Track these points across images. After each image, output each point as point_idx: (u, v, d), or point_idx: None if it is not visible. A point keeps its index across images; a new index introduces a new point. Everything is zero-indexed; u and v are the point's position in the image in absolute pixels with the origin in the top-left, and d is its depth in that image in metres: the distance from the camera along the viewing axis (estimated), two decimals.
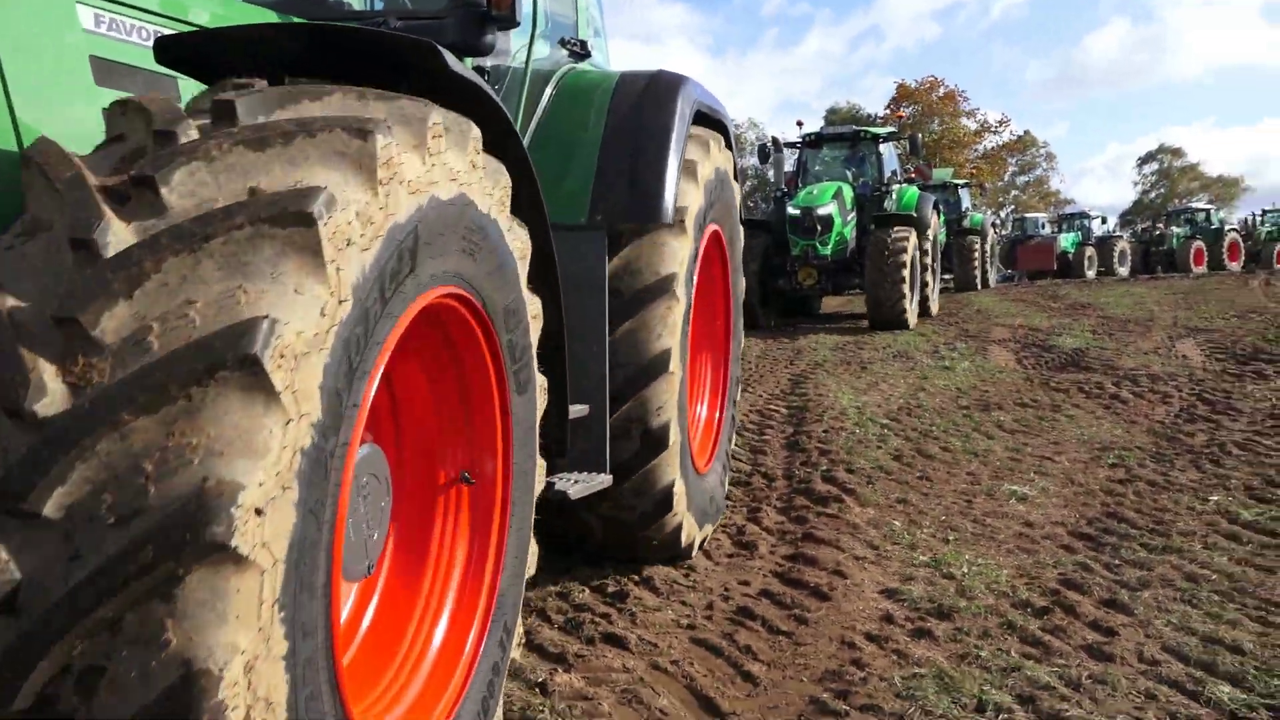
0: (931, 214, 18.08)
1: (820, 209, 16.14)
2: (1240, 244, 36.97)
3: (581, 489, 3.65)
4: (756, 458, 6.89)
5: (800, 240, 16.24)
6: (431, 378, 2.64)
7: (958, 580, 4.33)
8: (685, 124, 4.33)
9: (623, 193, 4.03)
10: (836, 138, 19.65)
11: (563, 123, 4.25)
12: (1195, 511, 5.32)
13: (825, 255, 16.23)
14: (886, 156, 18.73)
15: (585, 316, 3.81)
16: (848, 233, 16.88)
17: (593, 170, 4.08)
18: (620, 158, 4.09)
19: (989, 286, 26.29)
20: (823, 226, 16.09)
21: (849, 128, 19.33)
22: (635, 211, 4.04)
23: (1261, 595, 4.08)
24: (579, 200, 4.01)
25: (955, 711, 3.12)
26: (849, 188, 17.42)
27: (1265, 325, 13.67)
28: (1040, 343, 13.02)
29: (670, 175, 4.09)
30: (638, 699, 3.23)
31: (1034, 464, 6.51)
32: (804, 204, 16.37)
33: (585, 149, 4.14)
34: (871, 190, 17.76)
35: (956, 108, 60.10)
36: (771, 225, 17.11)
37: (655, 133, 4.17)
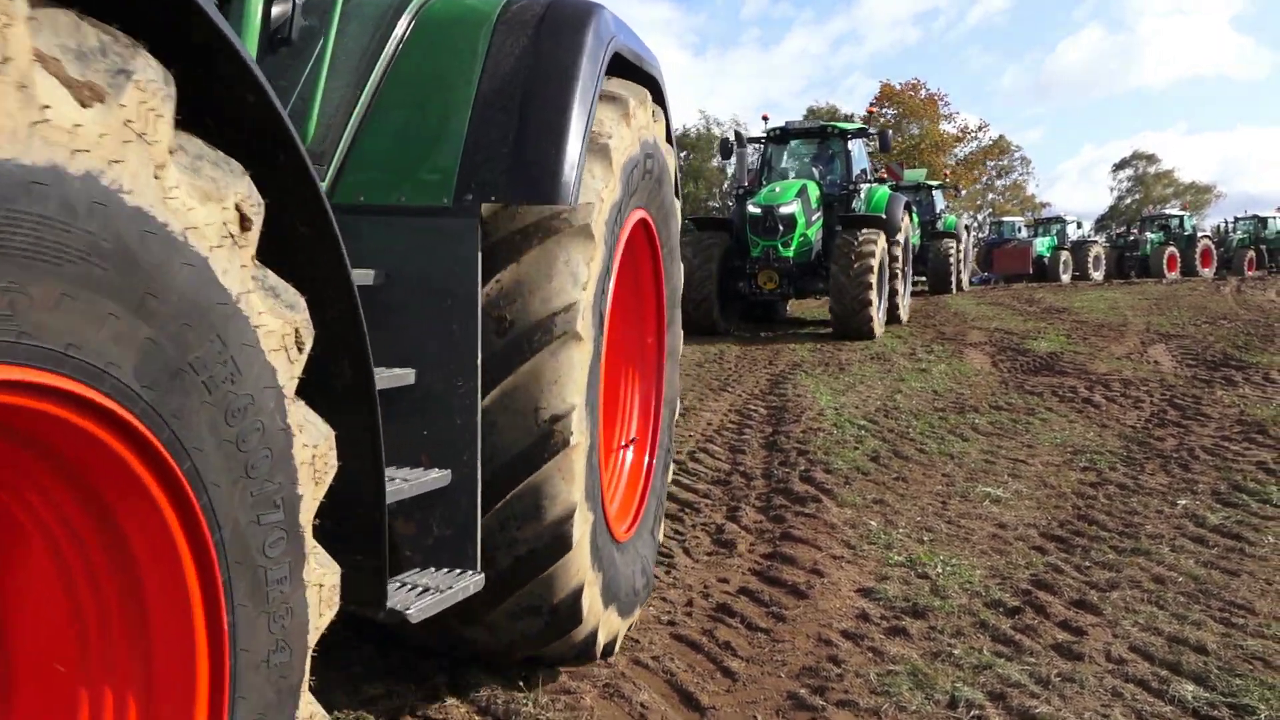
0: (902, 216, 17.05)
1: (783, 208, 15.11)
2: (1213, 250, 37.45)
3: (432, 603, 2.53)
4: (736, 457, 6.96)
5: (761, 241, 15.21)
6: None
7: (932, 580, 4.42)
8: (595, 72, 3.13)
9: (501, 165, 2.86)
10: (803, 133, 18.29)
11: (422, 69, 3.07)
12: (1164, 515, 5.44)
13: (787, 258, 15.19)
14: (855, 154, 17.63)
15: (446, 341, 2.76)
16: (812, 234, 15.83)
17: (463, 135, 2.91)
18: (501, 118, 2.93)
19: (963, 290, 26.33)
20: (785, 227, 15.10)
21: (816, 122, 18.17)
22: (518, 187, 2.86)
23: (1226, 597, 4.19)
24: (443, 176, 2.87)
25: (928, 708, 3.21)
26: (815, 186, 16.36)
27: (1235, 332, 13.90)
28: (1015, 346, 13.18)
29: (571, 144, 2.93)
30: (619, 693, 3.29)
31: (1008, 466, 6.63)
32: (765, 202, 15.30)
33: (453, 105, 2.98)
34: (839, 189, 16.81)
35: (937, 111, 60.51)
36: (732, 225, 16.21)
37: (551, 83, 3.01)
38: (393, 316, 2.73)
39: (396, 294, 2.74)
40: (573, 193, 2.88)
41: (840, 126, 17.71)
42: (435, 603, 2.53)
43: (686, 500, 5.82)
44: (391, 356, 2.69)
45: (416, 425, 2.76)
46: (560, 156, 2.89)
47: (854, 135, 17.68)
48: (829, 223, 16.07)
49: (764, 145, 18.35)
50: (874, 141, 17.90)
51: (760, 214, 15.17)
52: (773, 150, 18.26)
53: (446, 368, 2.76)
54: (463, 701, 3.23)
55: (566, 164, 2.90)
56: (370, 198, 2.86)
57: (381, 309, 2.65)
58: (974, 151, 62.53)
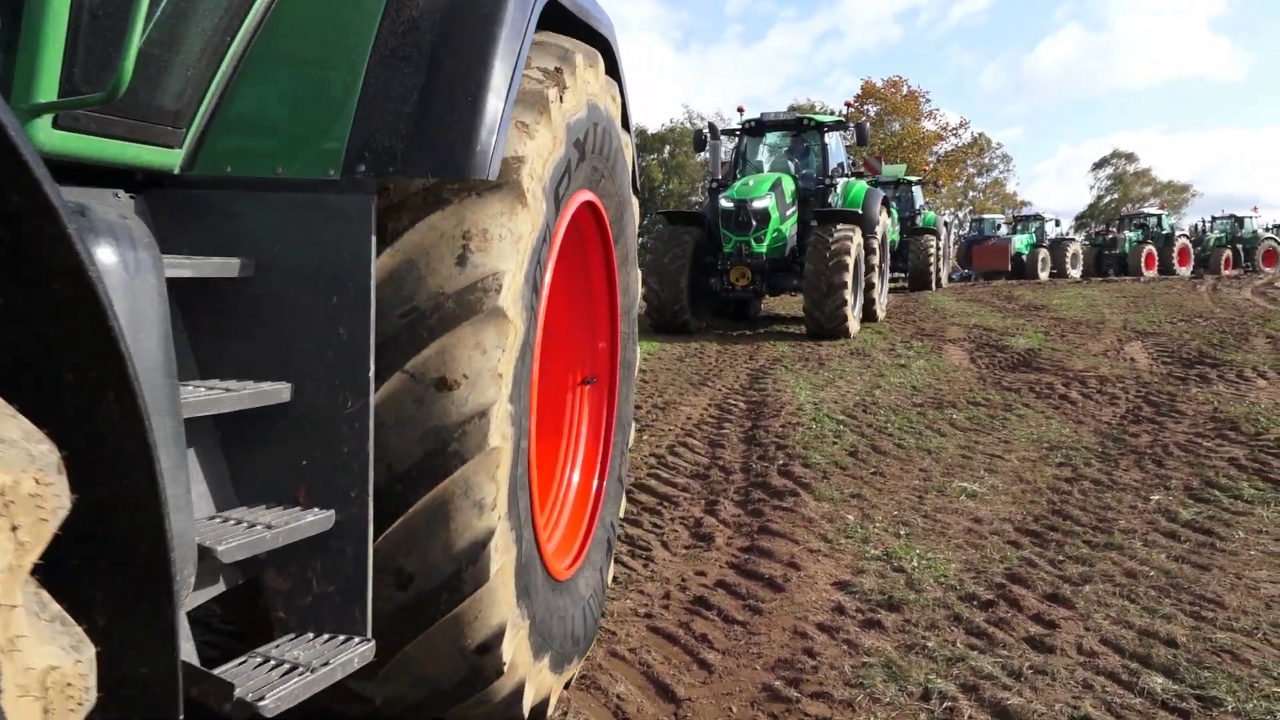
0: (880, 211, 16.52)
1: (756, 202, 14.51)
2: (1190, 249, 37.78)
3: (299, 687, 1.94)
4: (715, 451, 6.99)
5: (733, 236, 14.65)
6: None
7: (908, 573, 4.45)
8: (525, 18, 2.55)
9: (404, 129, 2.29)
10: (779, 125, 17.33)
11: (308, 12, 2.45)
12: (1137, 510, 5.50)
13: (760, 253, 14.61)
14: (833, 147, 16.90)
15: (331, 347, 2.20)
16: (786, 229, 15.23)
17: (356, 92, 2.33)
18: (405, 72, 2.35)
19: (942, 287, 26.32)
20: (758, 221, 14.52)
21: (792, 114, 16.99)
22: (423, 157, 2.29)
23: (1196, 591, 4.25)
24: (331, 142, 2.29)
25: (902, 699, 3.24)
26: (790, 180, 15.70)
27: (1210, 330, 14.04)
28: (994, 343, 13.27)
29: (491, 103, 2.35)
30: (595, 685, 3.31)
31: (984, 462, 6.68)
32: (739, 196, 14.68)
33: (345, 56, 2.38)
34: (815, 184, 16.16)
35: (919, 109, 60.79)
36: (704, 219, 15.53)
37: (467, 29, 2.42)
38: (263, 316, 2.21)
39: (269, 288, 2.21)
40: (491, 163, 2.31)
41: (816, 119, 17.03)
42: (303, 686, 1.94)
43: (665, 494, 5.84)
44: (260, 367, 2.19)
45: (292, 453, 2.19)
46: (477, 118, 2.31)
47: (831, 128, 17.07)
48: (804, 218, 15.55)
49: (739, 138, 17.61)
50: (851, 135, 17.32)
51: (733, 208, 14.64)
52: (748, 143, 17.51)
53: (331, 381, 2.18)
54: None
55: (484, 127, 2.31)
56: (240, 169, 2.32)
57: (249, 306, 2.21)
58: (954, 149, 62.90)
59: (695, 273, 14.87)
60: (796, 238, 15.43)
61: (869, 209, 15.81)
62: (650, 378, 10.35)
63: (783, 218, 15.03)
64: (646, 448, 7.02)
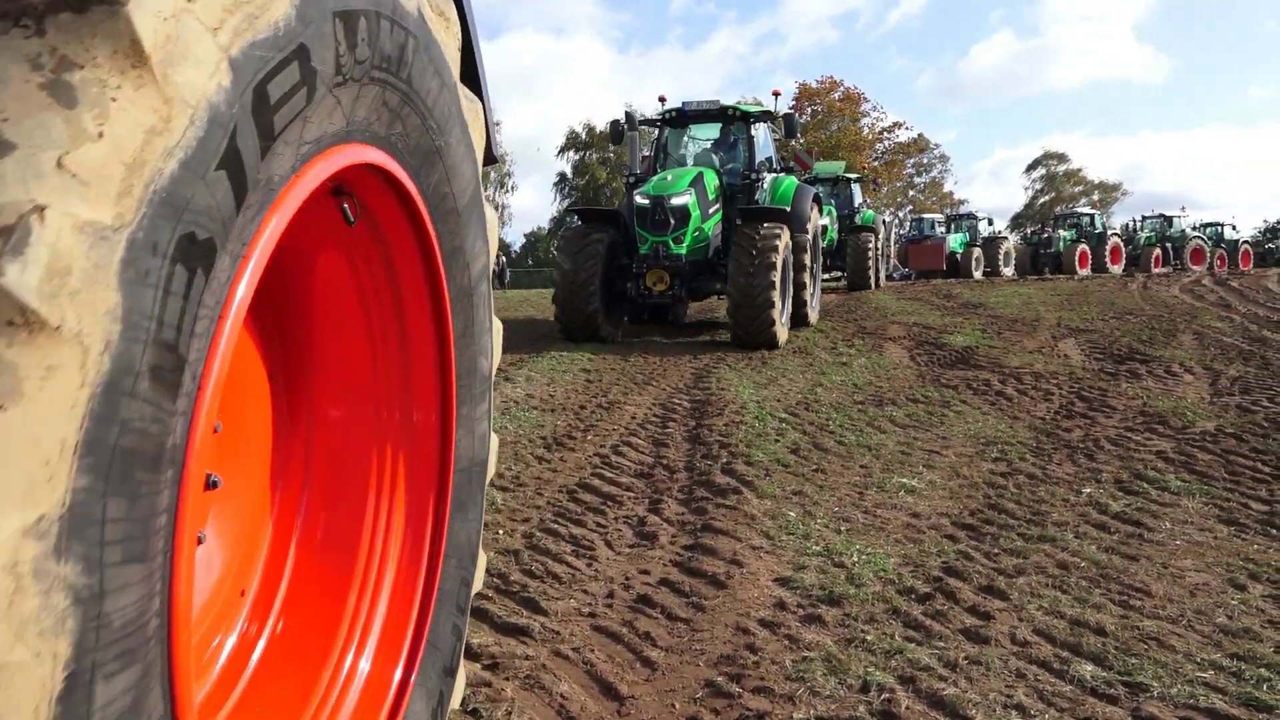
0: (811, 208, 15.31)
1: (675, 198, 13.20)
2: (1121, 248, 38.78)
3: None
4: (659, 450, 7.02)
5: (650, 236, 13.33)
6: None
7: (848, 568, 4.52)
8: None
9: None
10: (702, 115, 15.79)
11: None
12: (1069, 503, 5.64)
13: (680, 255, 13.30)
14: (760, 140, 15.67)
15: None
16: (709, 228, 13.97)
17: None
18: None
19: (881, 286, 26.34)
20: (677, 220, 13.24)
21: (715, 103, 15.40)
22: None
23: (1125, 581, 4.38)
24: None
25: (841, 692, 3.30)
26: (713, 174, 14.43)
27: (1140, 327, 14.42)
28: (933, 341, 13.49)
29: None
30: (539, 685, 3.32)
31: (923, 458, 6.80)
32: (655, 192, 13.33)
33: None
34: (741, 179, 14.99)
35: (857, 110, 61.57)
36: (621, 217, 14.12)
37: None
38: None
39: None
40: None
41: (742, 109, 15.51)
42: None
43: (609, 494, 5.86)
44: None
45: None
46: None
47: (757, 118, 15.69)
48: (730, 216, 14.32)
49: (659, 129, 16.18)
50: (779, 128, 16.14)
51: (649, 206, 13.29)
52: (669, 135, 16.08)
53: None
54: None
55: None
56: None
57: None
58: (891, 148, 63.82)
59: (611, 277, 13.51)
60: (721, 238, 14.34)
61: (799, 206, 14.86)
62: (595, 377, 10.35)
63: (704, 216, 13.83)
64: (590, 447, 7.03)
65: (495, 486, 5.90)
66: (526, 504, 5.61)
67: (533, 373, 10.31)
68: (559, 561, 4.63)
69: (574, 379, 10.16)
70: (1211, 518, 5.37)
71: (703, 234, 13.79)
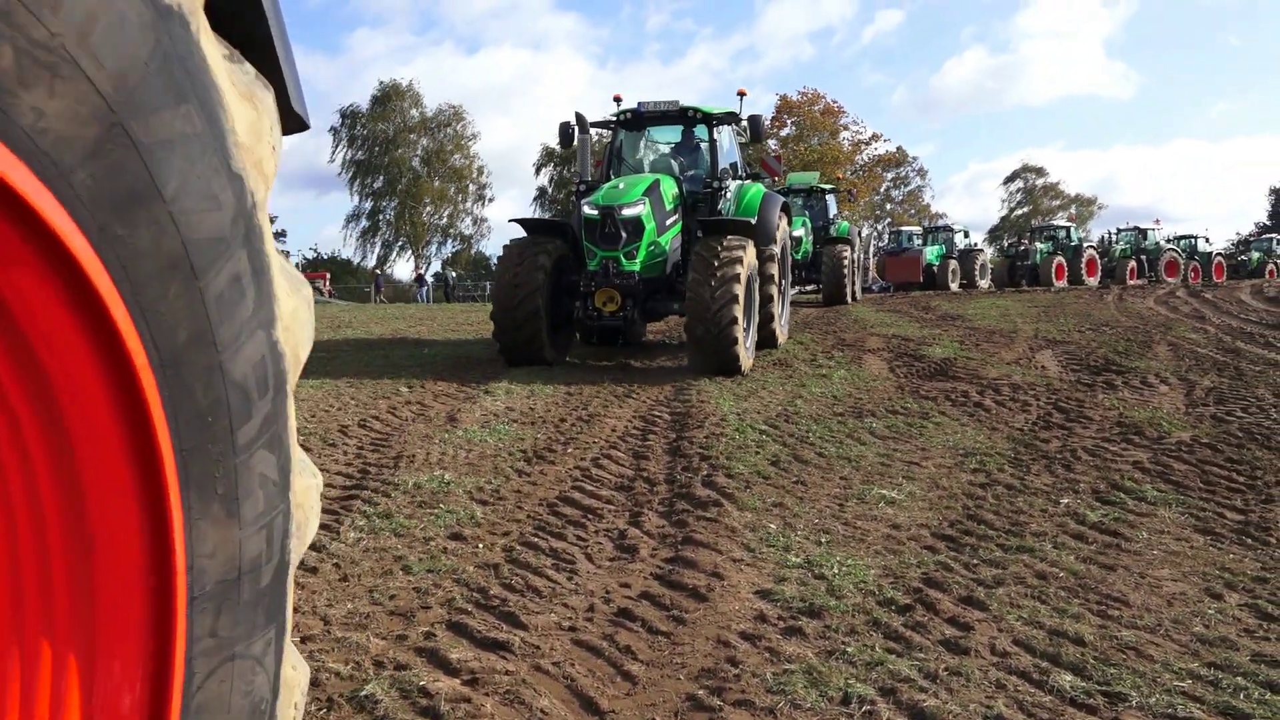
0: (780, 219, 14.03)
1: (626, 209, 11.78)
2: (1097, 260, 39.17)
3: None
4: (640, 463, 7.01)
5: (599, 251, 11.89)
6: None
7: (828, 580, 4.52)
8: None
9: None
10: (659, 117, 14.11)
11: None
12: (1047, 513, 5.67)
13: (632, 272, 11.82)
14: (725, 145, 14.14)
15: None
16: (666, 241, 12.50)
17: None
18: None
19: (857, 299, 25.95)
20: (629, 233, 11.82)
21: (674, 104, 13.82)
22: None
23: (1103, 591, 4.40)
24: None
25: (822, 704, 3.29)
26: (671, 182, 12.91)
27: (1116, 338, 14.55)
28: (912, 352, 13.55)
29: None
30: (519, 700, 3.30)
31: (903, 469, 6.82)
32: (604, 202, 11.89)
33: None
34: (703, 186, 13.51)
35: (836, 123, 61.98)
36: (570, 229, 12.76)
37: None
38: None
39: None
40: None
41: (704, 110, 13.87)
42: None
43: (589, 506, 5.84)
44: None
45: None
46: None
47: (720, 120, 14.02)
48: (690, 228, 13.06)
49: (614, 132, 14.42)
50: (745, 132, 14.47)
51: (597, 217, 11.84)
52: (624, 138, 14.41)
53: None
54: (357, 711, 3.20)
55: None
56: None
57: None
58: (870, 160, 64.30)
59: (557, 294, 12.18)
60: (680, 252, 12.95)
61: (766, 216, 13.52)
62: (575, 391, 10.34)
63: (661, 228, 12.35)
64: (571, 460, 7.01)
65: (475, 500, 5.88)
66: (506, 518, 5.58)
67: (512, 385, 10.29)
68: (539, 575, 4.61)
69: (554, 392, 10.14)
70: (1188, 527, 5.41)
71: (659, 248, 12.38)
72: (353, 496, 5.89)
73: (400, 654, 3.67)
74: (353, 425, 7.92)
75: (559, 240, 12.41)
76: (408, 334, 16.93)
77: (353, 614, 4.07)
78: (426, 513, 5.56)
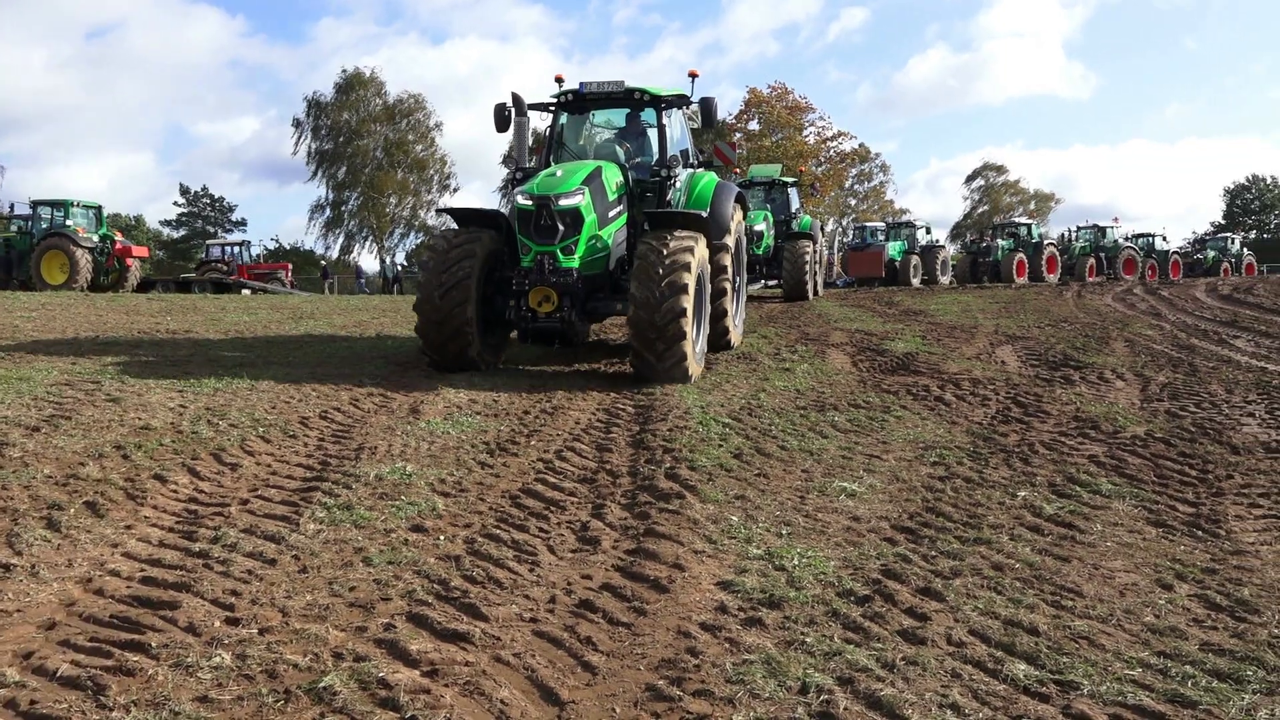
0: (734, 211, 12.84)
1: (564, 199, 10.51)
2: (1057, 257, 39.63)
3: None
4: (603, 455, 7.02)
5: (534, 245, 10.62)
6: None
7: (789, 572, 4.56)
8: None
9: None
10: (603, 99, 12.66)
11: None
12: (1004, 506, 5.75)
13: (570, 269, 10.56)
14: (675, 130, 12.83)
15: None
16: (609, 235, 11.27)
17: None
18: None
19: (819, 295, 25.47)
20: (568, 226, 10.57)
21: (619, 84, 12.44)
22: None
23: (1057, 582, 4.47)
24: None
25: (781, 694, 3.32)
26: (615, 170, 11.61)
27: (1075, 334, 14.77)
28: (874, 347, 13.65)
29: None
30: (479, 691, 3.30)
31: (864, 462, 6.88)
32: (540, 191, 10.58)
33: None
34: (651, 175, 12.15)
35: (801, 120, 62.23)
36: (504, 219, 11.44)
37: None
38: None
39: None
40: None
41: (651, 91, 12.43)
42: None
43: (552, 498, 5.84)
44: None
45: None
46: None
47: (670, 103, 12.64)
48: (637, 220, 11.87)
49: (554, 114, 12.94)
50: (696, 117, 13.08)
51: (532, 207, 10.62)
52: (566, 122, 12.97)
53: None
54: (315, 703, 3.18)
55: None
56: None
57: None
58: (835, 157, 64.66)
59: (489, 292, 10.97)
60: (626, 246, 11.80)
61: (719, 208, 12.35)
62: (539, 383, 10.32)
63: (602, 220, 11.09)
64: (534, 453, 7.00)
65: (436, 492, 5.86)
66: (468, 509, 5.57)
67: (476, 377, 10.24)
68: (500, 567, 4.60)
69: (517, 384, 10.11)
70: (1140, 520, 5.52)
71: (600, 242, 11.12)
72: (313, 488, 5.85)
73: (360, 645, 3.65)
74: (313, 417, 7.85)
75: (493, 232, 11.13)
76: (371, 326, 16.81)
77: (311, 605, 4.05)
78: (388, 504, 5.53)
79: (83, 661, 3.44)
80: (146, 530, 5.01)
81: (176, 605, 3.97)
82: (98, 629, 3.76)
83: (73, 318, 16.51)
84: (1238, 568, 4.74)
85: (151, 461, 6.19)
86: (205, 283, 34.83)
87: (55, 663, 3.40)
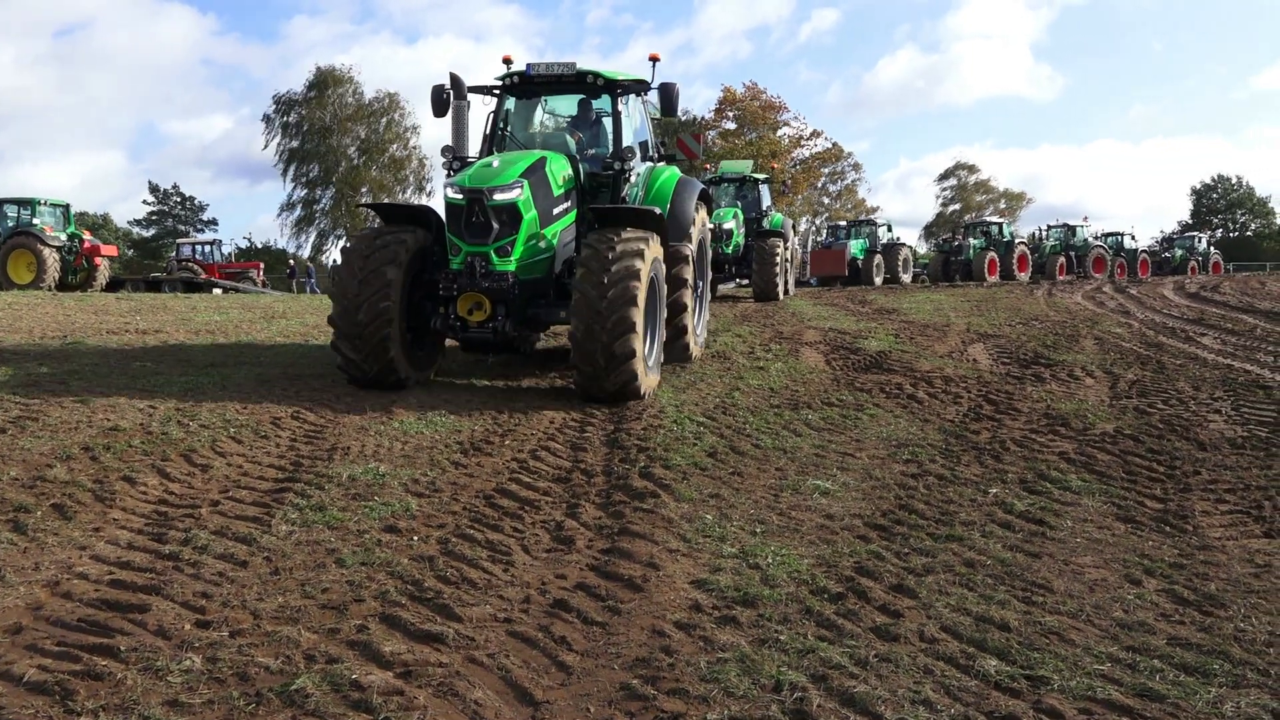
0: (697, 209, 11.51)
1: (499, 192, 9.15)
2: (1028, 256, 39.97)
3: None
4: (577, 455, 7.01)
5: (464, 245, 9.29)
6: None
7: (763, 570, 4.58)
8: None
9: None
10: (552, 82, 11.07)
11: None
12: (976, 503, 5.80)
13: (506, 272, 9.22)
14: (635, 120, 11.55)
15: None
16: (553, 234, 9.89)
17: None
18: None
19: (790, 294, 25.08)
20: (503, 224, 9.26)
21: (570, 66, 10.91)
22: None
23: (1028, 578, 4.52)
24: None
25: (755, 692, 3.33)
26: (563, 161, 10.28)
27: (1045, 332, 14.90)
28: (848, 345, 13.72)
29: None
30: (453, 691, 3.29)
31: (837, 460, 6.91)
32: (473, 184, 9.22)
33: None
34: (604, 168, 10.78)
35: (775, 119, 62.42)
36: (434, 216, 9.98)
37: None
38: None
39: None
40: None
41: (606, 75, 10.93)
42: None
43: (527, 498, 5.83)
44: None
45: None
46: None
47: (627, 89, 11.19)
48: (588, 218, 10.24)
49: (499, 99, 11.35)
50: (655, 103, 11.19)
51: (462, 201, 9.27)
52: (513, 108, 11.44)
53: None
54: (287, 706, 3.16)
55: None
56: None
57: None
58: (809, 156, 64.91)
59: (418, 298, 9.55)
60: (575, 247, 10.19)
61: (680, 206, 11.13)
62: (515, 383, 10.29)
63: (545, 217, 9.74)
64: (508, 452, 6.99)
65: (410, 492, 5.83)
66: (442, 509, 5.55)
67: (449, 377, 10.20)
68: (474, 567, 4.59)
69: (491, 384, 10.08)
70: (1110, 516, 5.58)
71: (543, 242, 9.74)
72: (285, 489, 5.80)
73: (332, 647, 3.63)
74: (285, 417, 7.79)
75: (421, 230, 9.69)
76: None
77: (284, 607, 4.02)
78: (361, 505, 5.50)
79: (50, 666, 3.40)
80: (115, 532, 4.95)
81: (146, 608, 3.94)
82: (65, 633, 3.72)
83: (40, 317, 16.30)
84: (1205, 563, 4.80)
85: (120, 463, 6.13)
86: (176, 282, 34.47)
87: (22, 668, 3.36)
